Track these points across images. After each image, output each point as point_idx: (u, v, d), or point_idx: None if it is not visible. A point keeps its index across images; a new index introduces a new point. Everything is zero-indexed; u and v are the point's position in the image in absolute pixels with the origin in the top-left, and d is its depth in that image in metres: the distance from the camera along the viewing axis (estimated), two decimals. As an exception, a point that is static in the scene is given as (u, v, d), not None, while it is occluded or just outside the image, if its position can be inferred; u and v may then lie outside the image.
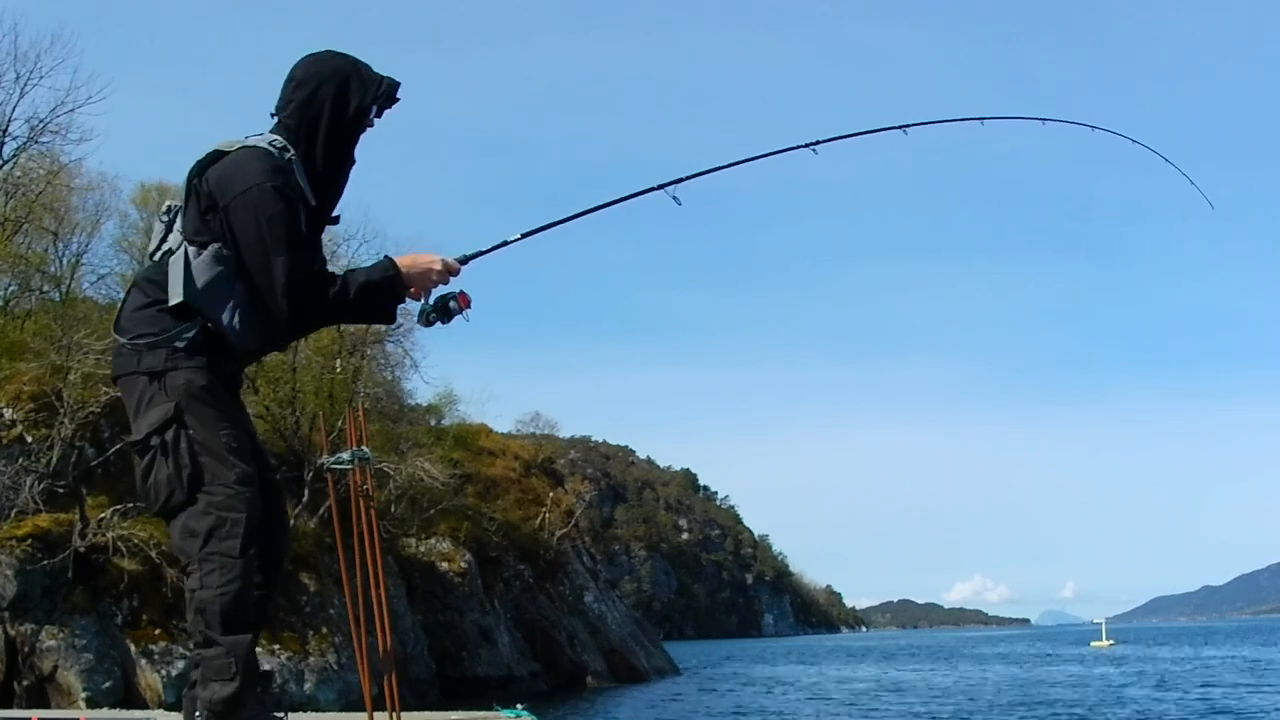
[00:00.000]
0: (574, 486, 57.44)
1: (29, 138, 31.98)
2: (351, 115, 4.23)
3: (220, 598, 3.97)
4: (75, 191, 35.35)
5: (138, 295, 4.20)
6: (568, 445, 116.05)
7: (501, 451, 52.51)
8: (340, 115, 4.21)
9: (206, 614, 3.98)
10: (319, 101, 4.19)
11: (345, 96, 4.20)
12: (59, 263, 36.34)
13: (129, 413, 4.18)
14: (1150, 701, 31.56)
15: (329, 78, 4.22)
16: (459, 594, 40.06)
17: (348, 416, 7.52)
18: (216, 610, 3.97)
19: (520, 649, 42.73)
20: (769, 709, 33.62)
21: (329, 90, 4.20)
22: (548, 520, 48.99)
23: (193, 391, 4.06)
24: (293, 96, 4.23)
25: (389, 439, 36.43)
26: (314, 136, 4.20)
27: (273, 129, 4.24)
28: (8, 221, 32.60)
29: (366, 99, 4.23)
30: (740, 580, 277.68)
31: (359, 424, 6.58)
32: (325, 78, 4.22)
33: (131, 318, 4.15)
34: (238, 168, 4.09)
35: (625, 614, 58.76)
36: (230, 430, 4.15)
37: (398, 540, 36.74)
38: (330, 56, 4.29)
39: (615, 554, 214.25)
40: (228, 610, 3.98)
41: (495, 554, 44.11)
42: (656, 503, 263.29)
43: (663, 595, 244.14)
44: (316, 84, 4.21)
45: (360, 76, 4.25)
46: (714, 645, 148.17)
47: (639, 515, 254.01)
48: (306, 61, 4.29)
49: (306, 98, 4.20)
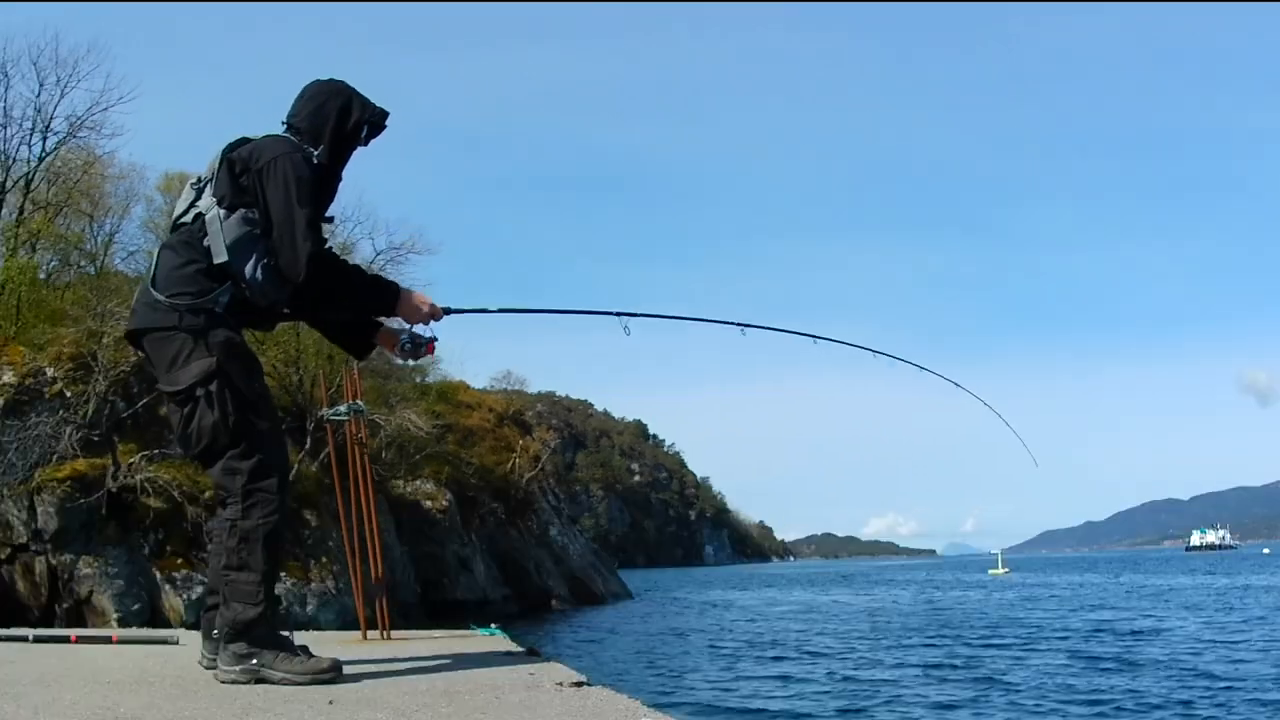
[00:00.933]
0: (540, 435, 57.14)
1: (68, 133, 31.58)
2: (351, 127, 4.33)
3: (262, 527, 4.02)
4: (108, 180, 34.92)
5: (172, 256, 4.17)
6: (535, 399, 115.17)
7: (477, 405, 52.07)
8: (343, 125, 4.31)
9: (249, 541, 4.01)
10: (327, 112, 4.30)
11: (349, 110, 4.32)
12: (94, 241, 36.18)
13: (158, 364, 4.15)
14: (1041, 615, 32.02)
15: (335, 95, 4.36)
16: (441, 528, 39.93)
17: (344, 374, 7.56)
18: (259, 538, 4.01)
19: (494, 576, 42.70)
20: (708, 620, 34.06)
21: (335, 104, 4.32)
22: (518, 465, 48.82)
23: (231, 348, 4.09)
24: (304, 107, 4.34)
25: (380, 394, 36.38)
26: (319, 140, 4.29)
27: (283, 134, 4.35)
28: (50, 206, 32.47)
29: (365, 116, 4.34)
30: (685, 516, 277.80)
31: (354, 381, 6.59)
32: (332, 94, 4.35)
33: (169, 277, 4.11)
34: (270, 141, 4.23)
35: (585, 546, 58.86)
36: (261, 383, 4.23)
37: (388, 482, 36.73)
38: (336, 81, 4.42)
39: (576, 494, 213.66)
40: (268, 539, 4.03)
41: (472, 494, 43.99)
42: (612, 449, 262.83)
43: (617, 530, 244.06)
44: (325, 98, 4.34)
45: (360, 99, 4.38)
46: (662, 573, 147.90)
47: (597, 460, 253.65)
48: (317, 83, 4.41)
49: (316, 108, 4.31)
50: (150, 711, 3.27)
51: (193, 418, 4.06)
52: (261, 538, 4.04)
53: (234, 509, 4.06)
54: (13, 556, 24.60)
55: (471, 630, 6.53)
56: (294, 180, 4.11)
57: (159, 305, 4.10)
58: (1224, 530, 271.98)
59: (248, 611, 3.99)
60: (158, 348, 4.13)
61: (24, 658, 5.10)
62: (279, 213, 4.08)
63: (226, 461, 4.07)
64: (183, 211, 4.26)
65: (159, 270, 4.16)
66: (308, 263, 4.08)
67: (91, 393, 26.28)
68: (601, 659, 22.78)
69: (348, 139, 4.38)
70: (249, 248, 4.12)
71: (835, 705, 15.45)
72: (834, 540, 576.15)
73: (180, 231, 4.23)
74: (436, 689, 3.69)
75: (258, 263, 4.13)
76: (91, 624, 23.41)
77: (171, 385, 4.10)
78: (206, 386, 4.04)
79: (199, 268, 4.11)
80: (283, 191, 4.09)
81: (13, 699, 3.55)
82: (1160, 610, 34.91)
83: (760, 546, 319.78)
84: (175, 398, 4.11)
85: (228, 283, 4.12)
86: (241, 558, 4.02)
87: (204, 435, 4.06)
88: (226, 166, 4.18)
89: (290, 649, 4.12)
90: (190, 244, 4.15)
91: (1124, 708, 14.83)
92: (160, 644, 5.83)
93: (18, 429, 24.96)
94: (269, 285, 4.18)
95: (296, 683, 3.93)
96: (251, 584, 4.02)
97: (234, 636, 4.01)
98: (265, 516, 4.06)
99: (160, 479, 25.71)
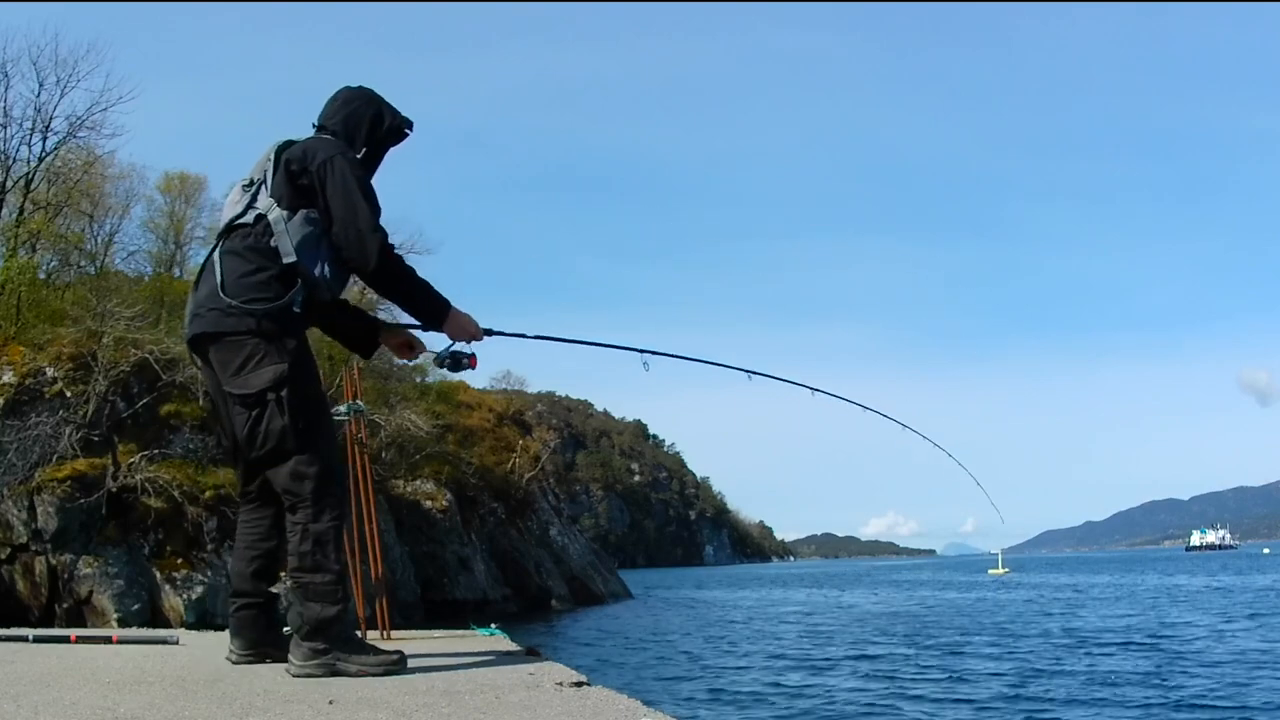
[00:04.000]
0: (540, 435, 57.14)
1: (68, 133, 31.55)
2: (384, 133, 4.44)
3: (333, 527, 4.12)
4: (108, 180, 35.08)
5: (240, 261, 4.19)
6: (535, 399, 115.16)
7: (477, 405, 52.07)
8: (376, 132, 4.42)
9: (323, 543, 4.09)
10: (360, 115, 4.40)
11: (381, 117, 4.42)
12: (94, 241, 36.26)
13: (222, 368, 4.17)
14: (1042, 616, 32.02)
15: (368, 102, 4.44)
16: (441, 528, 39.91)
17: (345, 374, 7.59)
18: (331, 539, 4.10)
19: (494, 576, 42.67)
20: (708, 620, 34.09)
21: (369, 111, 4.42)
22: (518, 464, 48.83)
23: (300, 354, 4.17)
24: (338, 111, 4.41)
25: (380, 394, 36.41)
26: (354, 145, 4.36)
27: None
28: (50, 205, 32.43)
29: (396, 122, 4.44)
30: (685, 516, 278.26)
31: (354, 381, 6.62)
32: (365, 101, 4.44)
33: (240, 282, 4.13)
34: (322, 142, 4.27)
35: (585, 546, 58.76)
36: (321, 387, 4.34)
37: (388, 481, 36.72)
38: (367, 89, 4.49)
39: (576, 494, 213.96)
40: (339, 538, 4.16)
41: (472, 493, 43.96)
42: (612, 449, 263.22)
43: (617, 529, 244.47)
44: (359, 104, 4.43)
45: (389, 107, 4.48)
46: (662, 573, 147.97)
47: (597, 460, 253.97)
48: (349, 89, 4.48)
49: (351, 112, 4.40)
50: (150, 711, 3.28)
51: (261, 421, 4.11)
52: (333, 539, 4.14)
53: (304, 513, 4.13)
54: (13, 556, 24.62)
55: (471, 630, 6.53)
56: (352, 178, 4.17)
57: (231, 310, 4.13)
58: (1224, 530, 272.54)
59: (328, 610, 4.07)
60: (226, 352, 4.16)
61: (24, 658, 5.09)
62: (341, 209, 4.14)
63: (294, 466, 4.13)
64: (239, 214, 4.27)
65: (226, 276, 4.18)
66: (378, 253, 4.16)
67: (91, 393, 26.29)
68: (601, 659, 22.77)
69: (380, 144, 4.48)
70: (315, 246, 4.16)
71: (836, 705, 15.44)
72: (834, 540, 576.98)
73: (241, 235, 4.25)
74: (436, 689, 3.69)
75: (324, 261, 4.19)
76: (91, 624, 23.39)
77: (241, 389, 4.13)
78: (278, 392, 4.10)
79: (271, 272, 4.16)
80: (342, 187, 4.14)
81: (13, 699, 3.56)
82: (1164, 610, 34.88)
83: (760, 546, 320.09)
84: (244, 401, 4.14)
85: (299, 284, 4.17)
86: (316, 560, 4.10)
87: (271, 439, 4.12)
88: (284, 168, 4.21)
89: (361, 643, 4.21)
90: (256, 248, 4.19)
91: (1150, 705, 14.81)
92: (160, 644, 5.83)
93: (18, 429, 24.97)
94: (336, 282, 4.28)
95: (372, 674, 4.02)
96: (329, 584, 4.09)
97: (312, 634, 4.07)
98: (335, 519, 4.16)
99: (160, 479, 25.74)
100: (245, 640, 4.49)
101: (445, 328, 4.45)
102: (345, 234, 4.14)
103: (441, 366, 4.61)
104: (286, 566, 4.24)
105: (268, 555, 4.49)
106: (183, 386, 27.67)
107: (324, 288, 4.22)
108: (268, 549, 4.48)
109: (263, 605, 4.52)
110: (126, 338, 27.24)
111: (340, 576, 4.13)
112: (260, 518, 4.48)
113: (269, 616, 4.55)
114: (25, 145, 31.53)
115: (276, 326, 4.14)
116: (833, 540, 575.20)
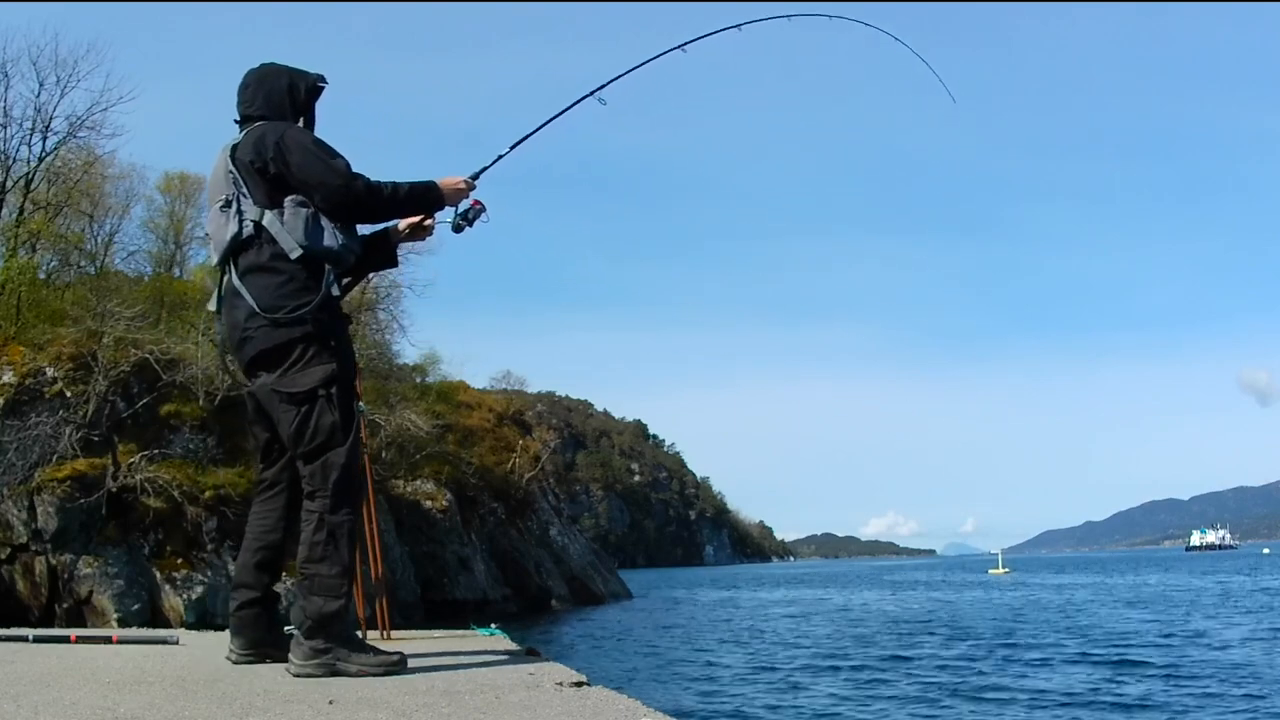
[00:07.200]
0: (540, 435, 57.11)
1: (68, 133, 31.55)
2: (304, 98, 4.46)
3: (348, 522, 4.13)
4: (108, 180, 35.17)
5: (267, 276, 4.19)
6: (535, 399, 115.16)
7: (477, 405, 52.04)
8: (296, 95, 4.43)
9: (336, 535, 4.08)
10: (278, 89, 4.41)
11: (296, 86, 4.44)
12: (94, 241, 36.34)
13: (275, 365, 4.18)
14: (1042, 615, 32.02)
15: (277, 74, 4.47)
16: (441, 528, 39.93)
17: None
18: (344, 533, 4.10)
19: (494, 576, 42.68)
20: (708, 620, 34.11)
21: (282, 81, 4.44)
22: (518, 464, 48.81)
23: (345, 353, 4.26)
24: (256, 95, 4.42)
25: (380, 394, 36.39)
26: (285, 116, 4.38)
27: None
28: (50, 205, 32.46)
29: (308, 81, 4.47)
30: (685, 516, 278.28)
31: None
32: (274, 74, 4.47)
33: (276, 295, 4.15)
34: (264, 128, 4.29)
35: (585, 546, 58.76)
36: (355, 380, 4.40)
37: (388, 481, 36.73)
38: (268, 64, 4.53)
39: (576, 494, 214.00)
40: (351, 535, 4.16)
41: (472, 493, 43.96)
42: (612, 449, 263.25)
43: (617, 529, 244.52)
44: (271, 79, 4.45)
45: (297, 71, 4.50)
46: (662, 573, 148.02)
47: (597, 460, 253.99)
48: (254, 71, 4.50)
49: (269, 90, 4.40)
50: (150, 711, 3.27)
51: (311, 416, 4.14)
52: (346, 534, 4.12)
53: (322, 502, 4.12)
54: (13, 556, 24.63)
55: (471, 630, 6.52)
56: (311, 143, 4.25)
57: (280, 322, 4.16)
58: (1224, 530, 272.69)
59: (330, 604, 4.05)
60: (275, 357, 4.20)
61: (24, 658, 5.09)
62: (316, 174, 4.19)
63: (329, 457, 4.14)
64: (236, 232, 4.25)
65: (260, 294, 4.19)
66: (368, 195, 4.23)
67: (91, 393, 26.29)
68: (601, 659, 22.79)
69: (305, 109, 4.50)
70: (315, 223, 4.20)
71: (837, 705, 15.44)
72: (834, 540, 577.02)
73: (253, 251, 4.24)
74: (436, 689, 3.69)
75: (329, 229, 4.23)
76: (91, 624, 23.40)
77: (290, 387, 4.17)
78: (328, 389, 4.16)
79: (298, 271, 4.19)
80: (305, 155, 4.19)
81: (13, 699, 3.55)
82: (1167, 610, 34.89)
83: (760, 546, 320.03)
84: (293, 398, 4.17)
85: (325, 268, 4.22)
86: (326, 551, 4.08)
87: (321, 434, 4.14)
88: (246, 169, 4.24)
89: (361, 643, 4.19)
90: (274, 256, 4.20)
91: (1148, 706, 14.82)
92: (160, 644, 5.82)
93: (18, 429, 24.98)
94: (352, 241, 4.35)
95: (372, 674, 3.99)
96: (334, 577, 4.08)
97: (313, 631, 4.05)
98: (350, 514, 4.16)
99: (160, 479, 25.75)
100: (245, 640, 4.48)
101: (446, 203, 4.57)
102: (330, 194, 4.20)
103: (460, 230, 4.70)
104: (294, 560, 4.21)
105: (272, 548, 4.48)
106: (183, 386, 27.70)
107: (345, 253, 4.29)
108: (273, 541, 4.47)
109: (263, 603, 4.50)
110: (126, 338, 27.28)
111: (345, 572, 4.12)
112: (271, 509, 4.48)
113: (270, 616, 4.52)
114: (25, 145, 31.61)
115: (326, 318, 4.21)
116: (833, 540, 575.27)
